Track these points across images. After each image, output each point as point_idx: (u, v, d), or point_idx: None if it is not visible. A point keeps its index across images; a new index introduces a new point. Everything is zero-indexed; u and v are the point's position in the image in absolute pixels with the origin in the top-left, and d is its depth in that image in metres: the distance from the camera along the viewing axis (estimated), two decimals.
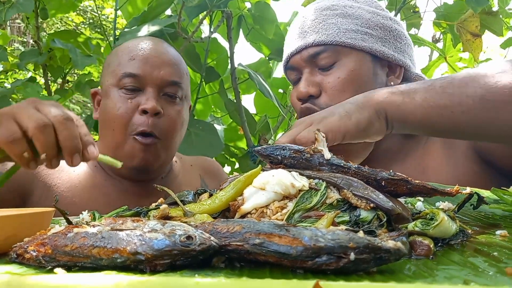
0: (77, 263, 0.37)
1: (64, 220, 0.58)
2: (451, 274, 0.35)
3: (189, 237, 0.36)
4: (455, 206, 0.61)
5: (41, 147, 0.62)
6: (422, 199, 0.67)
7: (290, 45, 1.01)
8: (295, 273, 0.36)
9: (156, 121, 0.97)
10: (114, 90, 0.99)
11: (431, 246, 0.42)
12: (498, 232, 0.53)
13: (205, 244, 0.36)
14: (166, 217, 0.44)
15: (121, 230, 0.37)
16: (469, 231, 0.52)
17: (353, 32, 0.96)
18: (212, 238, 0.37)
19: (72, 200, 0.98)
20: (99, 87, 1.10)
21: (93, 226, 0.40)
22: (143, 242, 0.36)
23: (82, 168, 1.03)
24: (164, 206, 0.44)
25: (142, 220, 0.41)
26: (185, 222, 0.43)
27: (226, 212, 0.52)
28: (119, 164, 0.68)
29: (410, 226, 0.46)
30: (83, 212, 0.60)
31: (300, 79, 1.00)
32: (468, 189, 0.61)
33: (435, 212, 0.48)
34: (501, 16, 2.01)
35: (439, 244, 0.47)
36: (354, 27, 0.96)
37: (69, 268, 0.38)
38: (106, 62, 1.08)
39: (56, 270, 0.35)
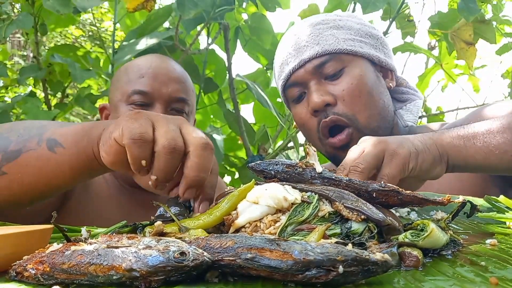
0: (75, 280, 0.38)
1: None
2: (437, 285, 0.36)
3: (182, 253, 0.37)
4: (447, 215, 0.62)
5: (156, 170, 0.55)
6: (416, 209, 0.68)
7: (288, 63, 1.01)
8: (286, 286, 0.37)
9: None
10: (123, 106, 1.02)
11: (420, 257, 0.43)
12: (488, 241, 0.54)
13: (198, 260, 0.37)
14: (161, 233, 0.45)
15: (116, 247, 0.39)
16: (461, 240, 0.53)
17: (350, 40, 0.99)
18: (205, 253, 0.38)
19: (100, 212, 0.98)
20: (107, 102, 1.12)
21: (90, 243, 0.41)
22: (138, 259, 0.37)
23: (99, 179, 1.04)
24: (158, 222, 0.45)
25: (137, 237, 0.42)
26: (180, 238, 0.44)
27: (221, 226, 0.53)
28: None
29: (401, 237, 0.47)
30: (81, 228, 0.61)
31: (302, 95, 1.01)
32: (461, 198, 0.62)
33: (425, 223, 0.49)
34: (495, 22, 2.03)
35: (430, 255, 0.48)
36: (349, 36, 0.99)
37: (67, 286, 0.39)
38: (115, 78, 1.10)
39: None
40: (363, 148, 0.69)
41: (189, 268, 0.37)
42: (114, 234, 0.51)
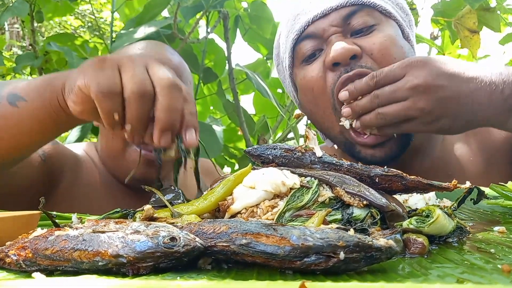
0: (58, 266, 0.36)
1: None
2: (445, 272, 0.34)
3: (173, 239, 0.35)
4: (453, 202, 0.60)
5: (129, 117, 0.52)
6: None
7: (307, 12, 0.82)
8: (283, 274, 0.35)
9: None
10: None
11: (426, 244, 0.41)
12: (496, 228, 0.51)
13: (190, 246, 0.35)
14: (151, 218, 0.43)
15: (103, 232, 0.36)
16: (467, 228, 0.51)
17: (383, 2, 0.83)
18: (197, 239, 0.36)
19: (90, 200, 0.95)
20: None
21: (76, 228, 0.39)
22: (125, 244, 0.35)
23: (90, 167, 1.00)
24: (148, 206, 0.42)
25: (125, 222, 0.39)
26: (172, 223, 0.41)
27: (217, 212, 0.50)
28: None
29: (405, 223, 0.45)
30: (72, 215, 0.59)
31: (317, 53, 0.82)
32: (468, 184, 0.59)
33: (431, 209, 0.46)
34: (499, 12, 1.99)
35: (435, 242, 0.45)
36: None
37: (51, 273, 0.37)
38: None
39: (34, 274, 0.34)
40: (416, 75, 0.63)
41: (180, 254, 0.34)
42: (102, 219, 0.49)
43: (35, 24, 1.94)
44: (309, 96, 0.84)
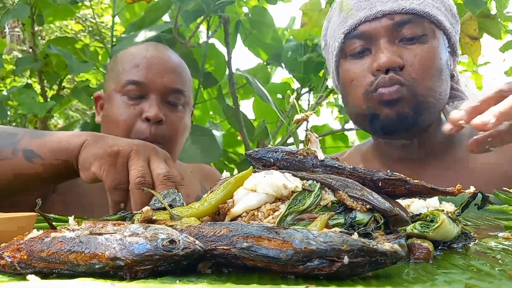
0: (54, 269, 0.35)
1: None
2: (451, 278, 0.33)
3: (172, 241, 0.34)
4: (457, 207, 0.59)
5: (133, 204, 0.64)
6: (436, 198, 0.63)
7: (360, 9, 0.87)
8: (285, 279, 0.34)
9: (158, 128, 0.97)
10: (117, 96, 0.99)
11: (431, 249, 0.40)
12: (500, 234, 0.51)
13: (189, 249, 0.34)
14: (150, 221, 0.42)
15: (100, 234, 0.35)
16: (472, 233, 0.50)
17: (436, 8, 0.87)
18: (197, 242, 0.35)
19: (87, 203, 0.95)
20: (102, 91, 1.09)
21: (73, 230, 0.38)
22: (123, 247, 0.34)
23: None
24: (146, 208, 0.42)
25: (123, 224, 0.39)
26: (171, 226, 0.40)
27: (217, 215, 0.49)
28: None
29: (409, 228, 0.44)
30: (69, 217, 0.58)
31: (365, 50, 0.88)
32: (472, 189, 0.59)
33: (435, 214, 0.45)
34: (499, 19, 1.99)
35: (440, 247, 0.45)
36: (436, 4, 0.87)
37: (46, 275, 0.36)
38: (109, 67, 1.08)
39: (29, 277, 0.33)
40: None
41: (179, 257, 0.33)
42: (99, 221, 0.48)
43: (36, 28, 1.93)
44: (346, 84, 0.94)
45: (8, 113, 2.17)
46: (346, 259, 0.32)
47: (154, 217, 0.42)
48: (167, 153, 0.73)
